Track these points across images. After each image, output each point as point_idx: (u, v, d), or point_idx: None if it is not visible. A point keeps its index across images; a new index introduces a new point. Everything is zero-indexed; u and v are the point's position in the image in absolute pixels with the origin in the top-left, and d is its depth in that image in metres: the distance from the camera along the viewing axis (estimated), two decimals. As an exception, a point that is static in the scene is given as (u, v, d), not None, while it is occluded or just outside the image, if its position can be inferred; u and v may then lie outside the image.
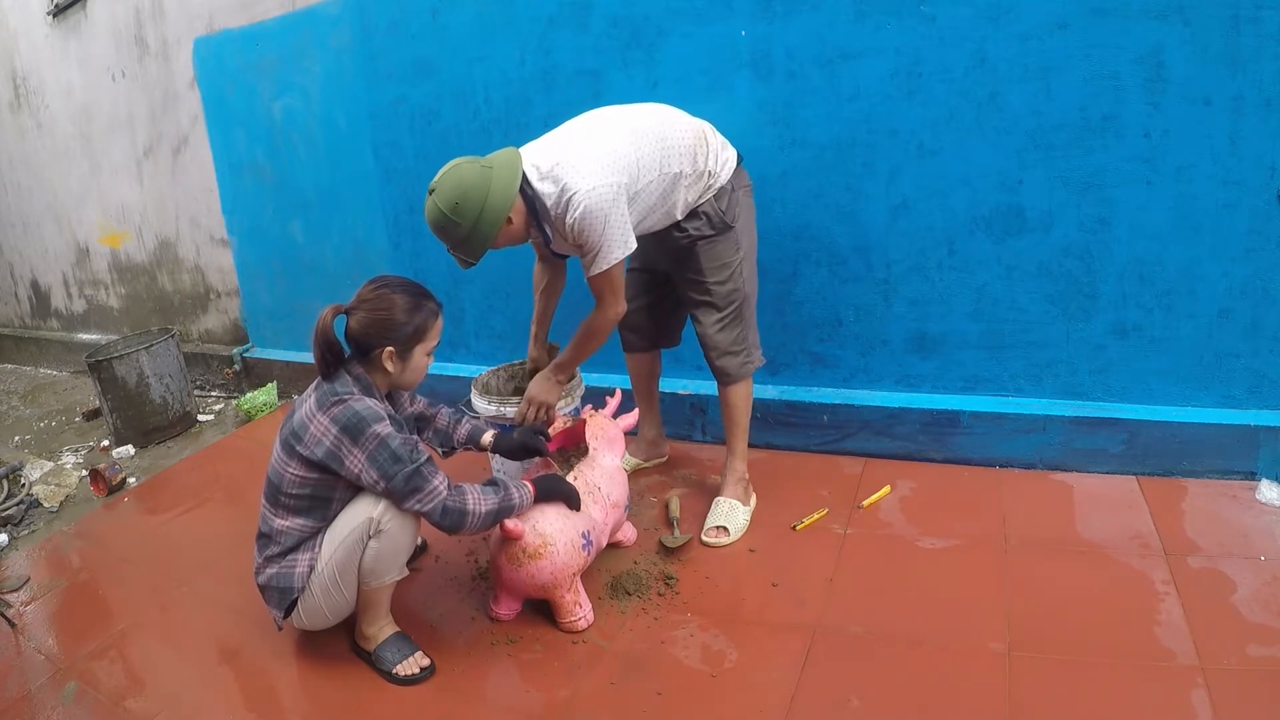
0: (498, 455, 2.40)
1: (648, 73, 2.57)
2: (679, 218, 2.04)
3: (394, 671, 1.81)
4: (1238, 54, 1.93)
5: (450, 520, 1.70)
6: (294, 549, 1.77)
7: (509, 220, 1.87)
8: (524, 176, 1.88)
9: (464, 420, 2.10)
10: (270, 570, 1.79)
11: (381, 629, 1.87)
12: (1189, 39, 1.96)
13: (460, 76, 2.93)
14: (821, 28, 2.30)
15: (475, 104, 2.93)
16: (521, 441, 2.03)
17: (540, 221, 1.94)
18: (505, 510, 1.77)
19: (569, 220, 1.85)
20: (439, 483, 1.71)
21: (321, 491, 1.75)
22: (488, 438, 2.08)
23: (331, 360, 1.74)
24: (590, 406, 2.20)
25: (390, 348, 1.73)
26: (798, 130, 2.41)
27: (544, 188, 1.88)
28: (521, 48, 2.77)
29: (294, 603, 1.79)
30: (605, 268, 1.89)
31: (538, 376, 2.14)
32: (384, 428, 1.68)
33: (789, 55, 2.36)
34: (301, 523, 1.76)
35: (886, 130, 2.30)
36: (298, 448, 1.72)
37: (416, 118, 3.09)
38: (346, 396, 1.70)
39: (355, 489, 1.76)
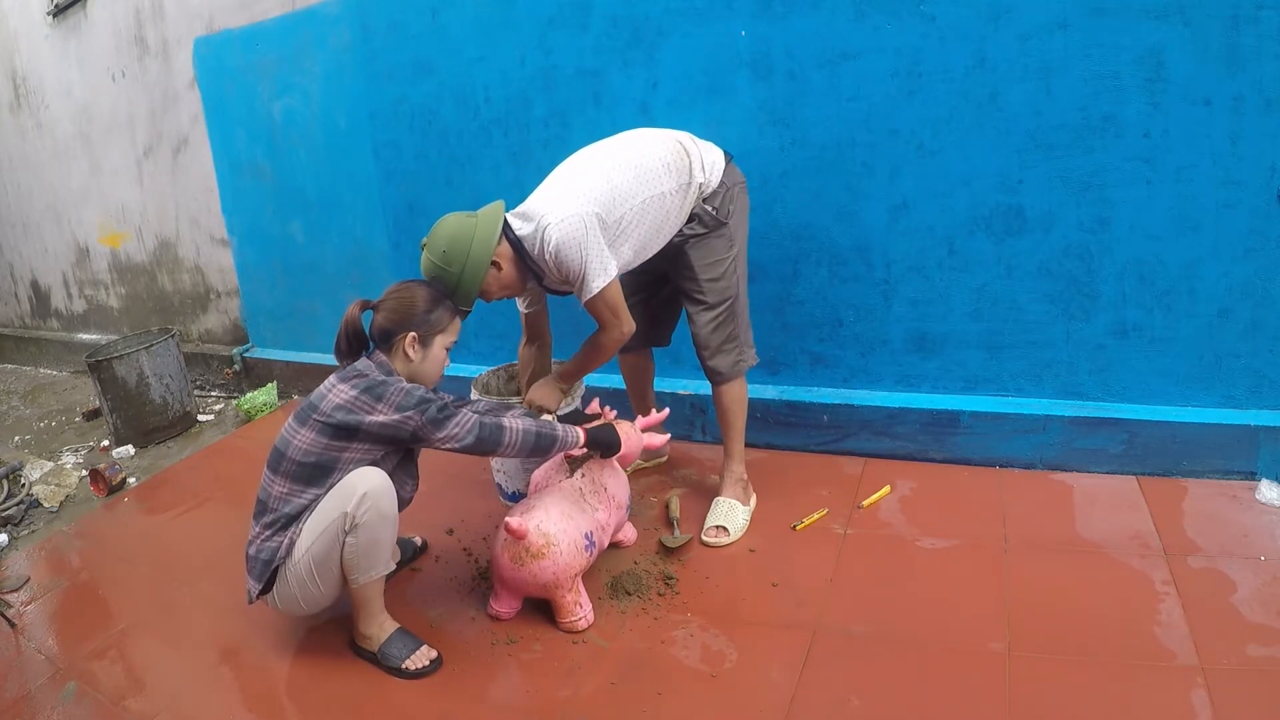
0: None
1: (648, 73, 2.57)
2: (679, 228, 2.06)
3: (404, 667, 1.82)
4: (1238, 54, 1.93)
5: (487, 434, 1.76)
6: (285, 526, 1.78)
7: (497, 266, 1.96)
8: (508, 224, 1.98)
9: (500, 408, 2.10)
10: (259, 543, 1.80)
11: (382, 627, 1.87)
12: (1189, 39, 1.96)
13: (460, 76, 2.93)
14: (821, 28, 2.30)
15: (475, 104, 2.93)
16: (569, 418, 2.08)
17: (530, 264, 2.00)
18: (546, 437, 1.83)
19: (547, 255, 1.92)
20: (469, 408, 1.82)
21: (326, 460, 1.76)
22: None
23: (350, 346, 1.86)
24: (597, 400, 2.19)
25: (413, 333, 1.83)
26: (798, 130, 2.41)
27: (524, 230, 1.97)
28: (521, 48, 2.77)
29: (271, 579, 1.80)
30: (593, 294, 1.92)
31: (540, 381, 2.17)
32: (405, 383, 1.78)
33: (789, 55, 2.36)
34: (299, 489, 1.77)
35: (886, 130, 2.30)
36: (313, 415, 1.77)
37: (416, 118, 3.09)
38: (367, 372, 1.80)
39: (357, 463, 1.77)
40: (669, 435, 2.24)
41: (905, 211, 2.34)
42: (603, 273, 1.91)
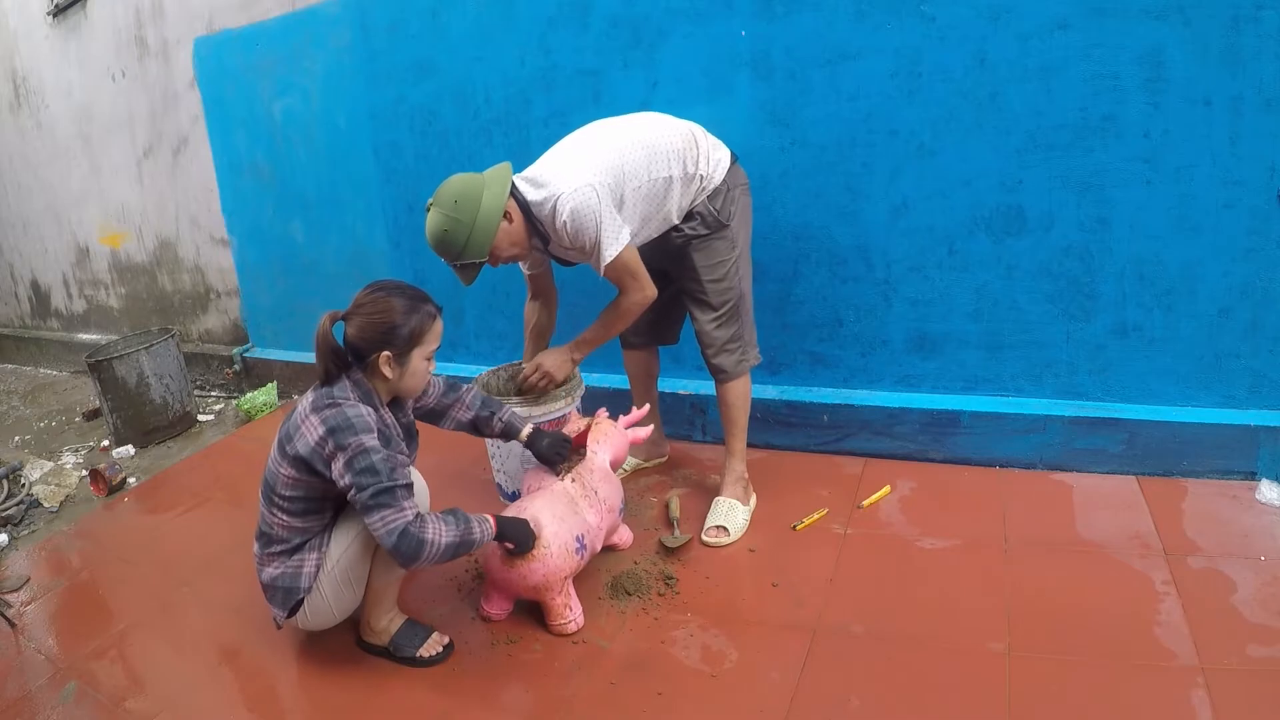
0: (498, 454, 2.41)
1: (648, 73, 2.57)
2: (676, 221, 2.08)
3: (419, 655, 1.84)
4: (1238, 54, 1.93)
5: (407, 544, 1.59)
6: (299, 549, 1.77)
7: (507, 217, 1.94)
8: (515, 186, 1.98)
9: (494, 416, 2.06)
10: (273, 570, 1.78)
11: (392, 620, 1.88)
12: (1189, 39, 1.96)
13: (460, 76, 2.93)
14: (821, 28, 2.30)
15: (475, 104, 2.93)
16: (553, 449, 2.05)
17: (535, 224, 2.00)
18: (465, 544, 1.68)
19: (560, 224, 1.92)
20: (409, 507, 1.63)
21: (314, 493, 1.74)
22: (526, 432, 2.07)
23: (335, 368, 1.72)
24: (604, 409, 2.19)
25: (387, 353, 1.70)
26: (798, 130, 2.41)
27: (534, 195, 1.97)
28: (521, 48, 2.77)
29: (299, 602, 1.79)
30: (610, 260, 1.93)
31: (553, 349, 2.19)
32: (370, 439, 1.63)
33: (789, 55, 2.36)
34: (299, 524, 1.76)
35: (886, 130, 2.30)
36: (287, 448, 1.72)
37: (416, 118, 3.09)
38: (341, 401, 1.68)
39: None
40: (652, 426, 2.25)
41: (905, 211, 2.34)
42: (616, 239, 1.93)
